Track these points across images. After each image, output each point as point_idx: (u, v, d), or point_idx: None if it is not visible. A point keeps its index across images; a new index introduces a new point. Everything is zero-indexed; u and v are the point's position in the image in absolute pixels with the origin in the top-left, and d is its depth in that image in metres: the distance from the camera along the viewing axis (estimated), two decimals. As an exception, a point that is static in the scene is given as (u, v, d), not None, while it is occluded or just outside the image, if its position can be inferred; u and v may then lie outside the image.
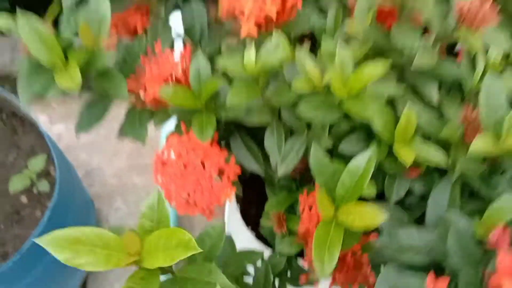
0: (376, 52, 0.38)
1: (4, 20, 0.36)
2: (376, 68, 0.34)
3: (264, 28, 0.42)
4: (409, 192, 0.40)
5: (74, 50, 0.36)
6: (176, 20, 0.49)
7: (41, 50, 0.34)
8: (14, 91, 0.46)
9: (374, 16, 0.38)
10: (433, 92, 0.38)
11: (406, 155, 0.35)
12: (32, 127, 0.80)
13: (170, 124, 0.45)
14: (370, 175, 0.32)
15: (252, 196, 0.61)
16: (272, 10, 0.40)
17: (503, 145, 0.32)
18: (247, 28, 0.41)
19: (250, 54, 0.36)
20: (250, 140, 0.43)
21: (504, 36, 0.35)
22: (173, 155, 0.41)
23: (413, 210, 0.41)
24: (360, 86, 0.33)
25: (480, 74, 0.37)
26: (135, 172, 1.05)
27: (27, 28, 0.33)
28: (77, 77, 0.33)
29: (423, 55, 0.35)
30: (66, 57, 0.36)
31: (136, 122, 0.43)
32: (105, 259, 0.28)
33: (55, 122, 1.09)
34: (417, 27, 0.37)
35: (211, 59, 0.41)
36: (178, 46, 0.47)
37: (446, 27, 0.35)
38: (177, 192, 0.41)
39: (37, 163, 0.73)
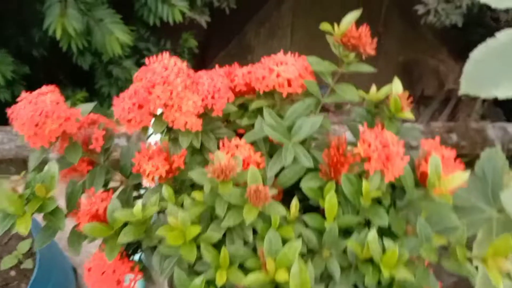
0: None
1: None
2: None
3: (161, 180, 0.64)
4: None
5: (32, 200, 0.58)
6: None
7: (9, 205, 0.56)
8: None
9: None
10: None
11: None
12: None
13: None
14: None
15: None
16: (162, 171, 0.62)
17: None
18: (148, 180, 0.63)
19: (138, 205, 0.57)
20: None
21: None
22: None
23: None
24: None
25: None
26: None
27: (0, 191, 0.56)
28: (29, 225, 0.55)
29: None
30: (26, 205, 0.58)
31: (75, 240, 0.64)
32: None
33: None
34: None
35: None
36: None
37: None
38: (97, 292, 0.62)
39: (24, 245, 0.95)
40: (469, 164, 0.94)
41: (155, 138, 0.69)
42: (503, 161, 0.82)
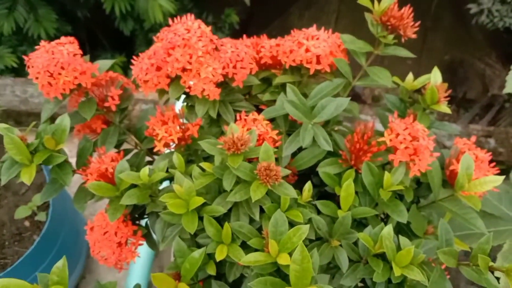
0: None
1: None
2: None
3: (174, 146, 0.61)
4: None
5: (39, 151, 0.57)
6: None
7: (16, 153, 0.55)
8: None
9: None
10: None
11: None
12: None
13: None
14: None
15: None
16: (174, 137, 0.59)
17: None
18: (159, 146, 0.60)
19: (145, 169, 0.55)
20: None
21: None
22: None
23: None
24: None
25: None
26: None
27: (8, 139, 0.54)
28: (33, 174, 0.54)
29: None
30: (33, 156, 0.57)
31: (81, 197, 0.62)
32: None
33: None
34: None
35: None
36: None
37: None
38: (97, 250, 0.61)
39: (39, 198, 0.95)
40: (505, 172, 0.87)
41: (180, 104, 0.67)
42: (543, 171, 0.75)
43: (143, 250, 1.12)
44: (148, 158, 0.70)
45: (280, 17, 2.58)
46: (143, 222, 0.67)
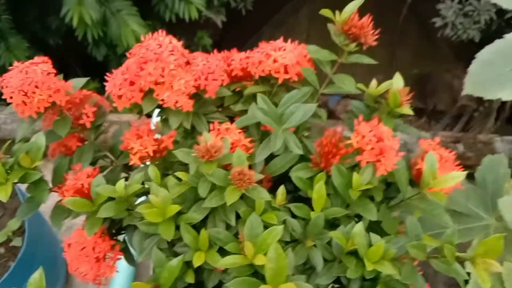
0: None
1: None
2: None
3: (148, 159, 0.63)
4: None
5: (15, 169, 0.58)
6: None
7: (-9, 171, 0.55)
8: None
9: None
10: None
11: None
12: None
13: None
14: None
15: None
16: (150, 150, 0.61)
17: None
18: (135, 160, 0.61)
19: (121, 182, 0.56)
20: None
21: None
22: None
23: None
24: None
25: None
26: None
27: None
28: (9, 192, 0.54)
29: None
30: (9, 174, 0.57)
31: (58, 214, 0.63)
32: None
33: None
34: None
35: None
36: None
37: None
38: (75, 266, 0.61)
39: (15, 223, 0.95)
40: (472, 176, 0.91)
41: (156, 120, 0.68)
42: (505, 169, 0.79)
43: (123, 267, 1.11)
44: (124, 174, 0.71)
45: (252, 38, 2.64)
46: (120, 238, 0.67)
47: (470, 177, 0.89)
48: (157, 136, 0.65)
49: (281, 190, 0.57)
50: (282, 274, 0.45)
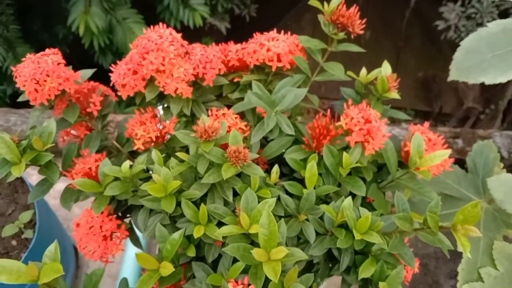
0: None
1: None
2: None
3: (152, 144, 0.67)
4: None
5: (28, 151, 0.62)
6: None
7: (7, 152, 0.60)
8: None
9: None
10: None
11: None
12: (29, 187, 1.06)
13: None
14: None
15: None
16: (152, 135, 0.65)
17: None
18: (139, 144, 0.66)
19: (126, 163, 0.60)
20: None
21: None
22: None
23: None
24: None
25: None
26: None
27: (0, 140, 0.59)
28: (22, 170, 0.58)
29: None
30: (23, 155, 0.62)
31: (67, 197, 0.67)
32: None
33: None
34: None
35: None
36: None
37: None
38: (84, 244, 0.65)
39: (26, 216, 0.99)
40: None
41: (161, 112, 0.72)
42: (494, 154, 0.82)
43: (131, 260, 1.15)
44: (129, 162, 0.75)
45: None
46: (126, 221, 0.71)
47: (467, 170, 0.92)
48: (160, 126, 0.69)
49: (275, 169, 0.61)
50: (274, 239, 0.49)
